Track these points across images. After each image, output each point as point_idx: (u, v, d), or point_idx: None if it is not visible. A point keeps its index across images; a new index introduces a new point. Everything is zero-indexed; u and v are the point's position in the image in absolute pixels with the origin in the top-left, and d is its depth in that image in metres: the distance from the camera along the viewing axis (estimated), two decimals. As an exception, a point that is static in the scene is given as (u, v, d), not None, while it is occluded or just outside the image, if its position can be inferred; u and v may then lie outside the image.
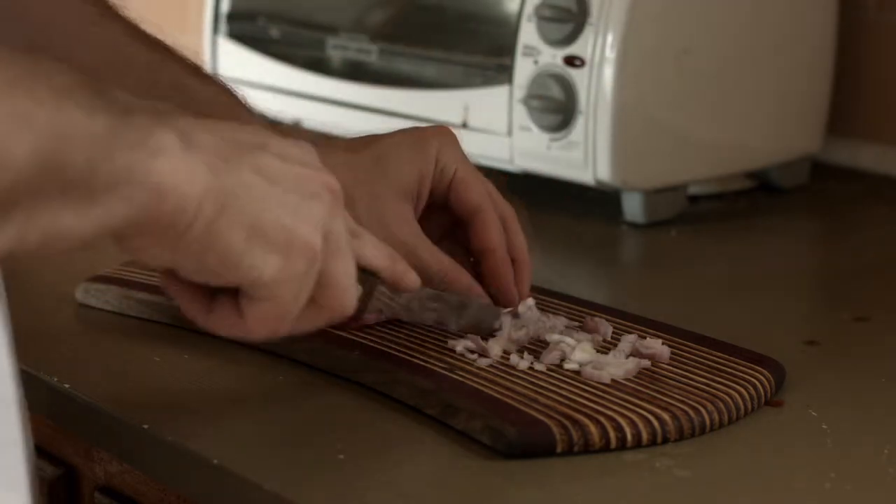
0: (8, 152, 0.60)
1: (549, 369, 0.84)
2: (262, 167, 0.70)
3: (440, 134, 0.93)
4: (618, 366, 0.84)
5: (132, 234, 0.66)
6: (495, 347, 0.87)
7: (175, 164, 0.65)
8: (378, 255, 0.79)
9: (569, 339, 0.87)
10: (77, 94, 0.63)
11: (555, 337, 0.88)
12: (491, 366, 0.85)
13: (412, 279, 0.82)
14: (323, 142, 0.91)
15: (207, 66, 1.53)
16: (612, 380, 0.83)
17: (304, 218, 0.70)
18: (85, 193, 0.63)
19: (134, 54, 0.94)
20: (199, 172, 0.66)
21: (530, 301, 0.93)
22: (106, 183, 0.63)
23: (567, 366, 0.84)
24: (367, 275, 0.78)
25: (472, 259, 0.92)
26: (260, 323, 0.72)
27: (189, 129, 0.67)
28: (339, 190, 0.73)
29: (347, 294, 0.74)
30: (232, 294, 0.72)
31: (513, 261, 0.92)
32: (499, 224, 0.92)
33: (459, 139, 0.94)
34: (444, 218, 0.93)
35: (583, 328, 0.91)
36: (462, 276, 0.90)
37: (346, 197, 0.75)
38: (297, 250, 0.70)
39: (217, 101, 0.93)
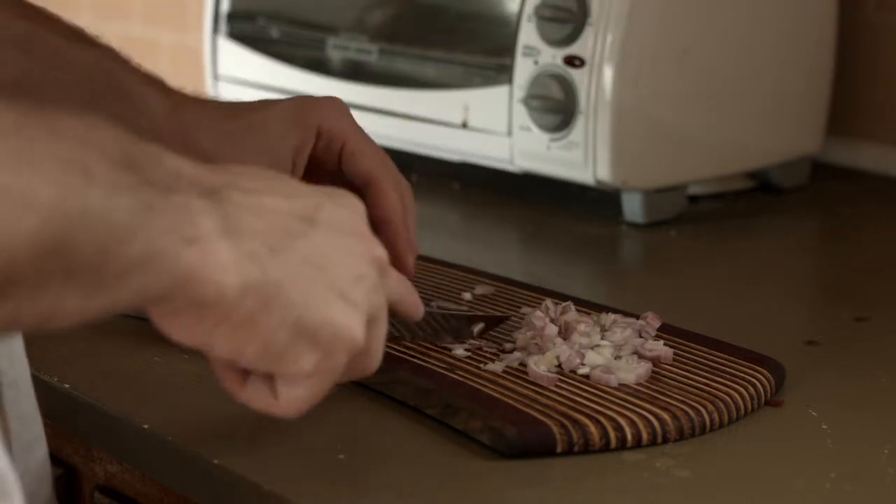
0: (3, 235, 0.53)
1: (549, 370, 0.84)
2: (310, 255, 0.65)
3: (325, 104, 0.90)
4: (629, 371, 0.84)
5: (158, 314, 0.63)
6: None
7: (209, 253, 0.60)
8: (400, 291, 0.76)
9: (583, 340, 0.87)
10: (97, 166, 0.56)
11: (580, 340, 0.87)
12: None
13: (422, 307, 0.79)
14: (198, 102, 0.88)
15: (207, 66, 1.53)
16: (615, 381, 0.83)
17: (352, 308, 0.67)
18: (94, 279, 0.57)
19: (6, 27, 0.87)
20: (238, 263, 0.62)
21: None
22: (120, 270, 0.57)
23: (581, 371, 0.84)
24: None
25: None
26: (294, 406, 0.69)
27: (236, 211, 0.62)
28: (384, 259, 0.70)
29: (378, 358, 0.72)
30: (267, 374, 0.68)
31: None
32: (396, 193, 0.88)
33: (349, 109, 0.90)
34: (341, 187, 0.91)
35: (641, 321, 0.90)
36: None
37: (209, 163, 0.66)
38: (342, 345, 0.67)
39: (99, 67, 0.88)
